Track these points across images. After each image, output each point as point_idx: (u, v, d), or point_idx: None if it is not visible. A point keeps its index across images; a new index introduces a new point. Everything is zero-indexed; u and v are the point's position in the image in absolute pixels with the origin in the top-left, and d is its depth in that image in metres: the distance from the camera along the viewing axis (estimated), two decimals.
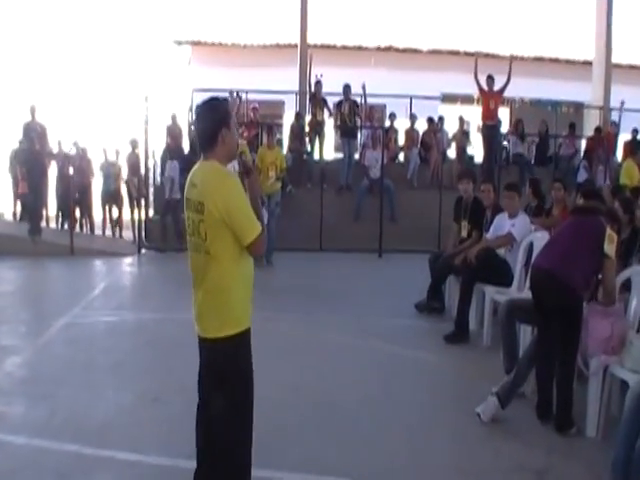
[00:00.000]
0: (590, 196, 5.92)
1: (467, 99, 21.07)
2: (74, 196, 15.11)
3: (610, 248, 4.93)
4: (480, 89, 15.07)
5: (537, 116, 17.65)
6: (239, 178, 3.50)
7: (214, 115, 3.43)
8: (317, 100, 15.41)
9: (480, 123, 15.65)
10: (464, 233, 8.95)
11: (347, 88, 15.15)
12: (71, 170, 15.09)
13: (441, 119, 16.95)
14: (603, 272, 5.10)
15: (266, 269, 11.37)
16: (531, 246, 7.50)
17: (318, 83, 15.29)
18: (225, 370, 3.47)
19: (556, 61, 21.94)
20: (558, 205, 9.13)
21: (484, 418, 5.21)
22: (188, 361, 3.88)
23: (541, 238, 7.39)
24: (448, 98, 20.49)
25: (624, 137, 17.64)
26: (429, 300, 8.90)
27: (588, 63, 20.73)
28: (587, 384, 5.13)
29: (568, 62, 21.92)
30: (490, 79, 15.31)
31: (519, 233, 7.79)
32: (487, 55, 21.05)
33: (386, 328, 8.15)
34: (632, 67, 21.89)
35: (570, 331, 5.01)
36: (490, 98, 15.27)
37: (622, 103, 17.37)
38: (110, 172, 15.81)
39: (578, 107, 20.44)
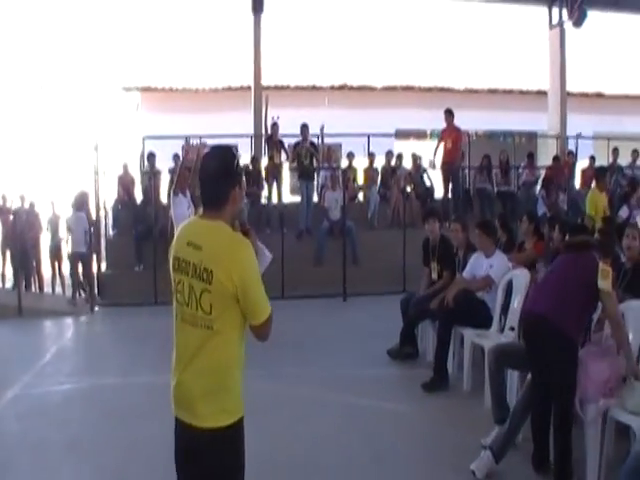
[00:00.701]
0: (577, 231, 5.58)
1: (420, 134, 21.04)
2: (22, 252, 14.39)
3: (605, 283, 4.63)
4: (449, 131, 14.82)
5: (491, 148, 17.41)
6: None
7: (228, 171, 3.03)
8: (274, 142, 14.97)
9: (434, 159, 15.38)
10: (434, 275, 8.66)
11: (305, 128, 14.75)
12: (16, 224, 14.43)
13: (399, 156, 16.62)
14: (604, 307, 4.85)
15: None
16: (510, 284, 7.25)
17: (275, 125, 14.89)
18: (224, 464, 2.99)
19: (510, 92, 21.93)
20: (529, 239, 8.82)
21: (479, 475, 4.90)
22: (154, 434, 3.33)
23: (520, 276, 7.19)
24: (401, 134, 20.34)
25: (580, 165, 17.57)
26: (402, 345, 8.56)
27: (542, 93, 20.84)
28: (584, 428, 4.81)
29: (522, 92, 21.97)
30: (448, 113, 15.04)
31: (497, 274, 7.49)
32: (442, 89, 21.11)
33: (360, 379, 7.72)
34: (583, 95, 21.95)
35: (566, 377, 4.68)
36: (448, 137, 15.04)
37: (579, 134, 17.38)
38: (58, 226, 15.07)
39: (531, 137, 20.46)
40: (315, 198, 15.48)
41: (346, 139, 17.26)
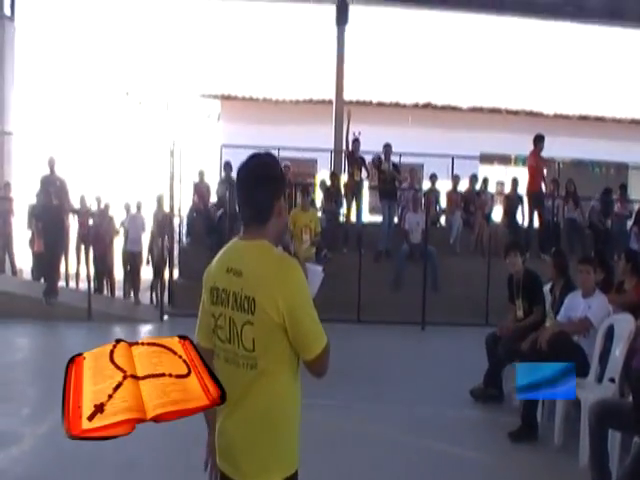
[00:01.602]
0: None
1: (504, 159, 20.39)
2: (95, 255, 14.34)
3: None
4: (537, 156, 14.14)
5: (578, 177, 16.59)
6: None
7: (272, 178, 2.58)
8: (355, 159, 14.52)
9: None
10: (520, 313, 8.00)
11: (388, 147, 14.28)
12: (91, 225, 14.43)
13: (485, 180, 15.98)
14: None
15: None
16: (610, 330, 6.59)
17: (356, 141, 14.43)
18: None
19: (601, 120, 21.02)
20: (631, 279, 8.12)
21: None
22: None
23: (623, 321, 6.51)
24: (485, 158, 19.76)
25: None
26: (486, 386, 7.93)
27: (636, 122, 19.95)
28: None
29: (615, 121, 21.01)
30: (540, 139, 14.34)
31: (596, 317, 6.80)
32: (530, 113, 20.40)
33: (439, 420, 7.12)
34: None
35: None
36: (542, 164, 14.42)
37: None
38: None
39: (621, 168, 19.59)
40: (395, 219, 14.99)
41: (428, 160, 16.78)
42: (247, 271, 2.47)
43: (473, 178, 16.04)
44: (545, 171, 15.59)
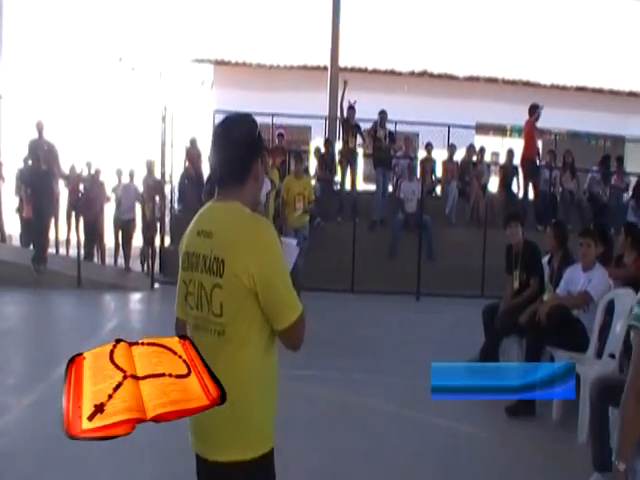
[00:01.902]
0: None
1: (500, 130, 20.16)
2: (85, 221, 14.14)
3: None
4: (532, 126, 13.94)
5: (574, 149, 16.37)
6: None
7: (249, 139, 2.44)
8: (350, 126, 14.27)
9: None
10: (516, 284, 7.79)
11: (383, 114, 14.03)
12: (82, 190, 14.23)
13: (482, 150, 15.76)
14: None
15: None
16: (611, 305, 6.44)
17: (351, 108, 14.17)
18: None
19: (599, 91, 20.76)
20: (630, 252, 7.98)
21: None
22: None
23: (624, 296, 6.34)
24: (481, 128, 19.52)
25: None
26: (483, 360, 7.72)
27: (633, 94, 19.73)
28: None
29: (612, 92, 20.76)
30: (535, 108, 14.13)
31: (597, 291, 6.64)
32: (527, 83, 20.15)
33: None
34: None
35: None
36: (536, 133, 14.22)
37: None
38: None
39: (617, 141, 19.40)
40: (390, 188, 14.79)
41: (424, 129, 16.56)
42: (217, 232, 2.34)
43: (471, 148, 15.84)
44: (540, 142, 15.44)
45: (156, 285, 12.60)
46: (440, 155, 15.81)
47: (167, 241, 13.97)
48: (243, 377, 2.29)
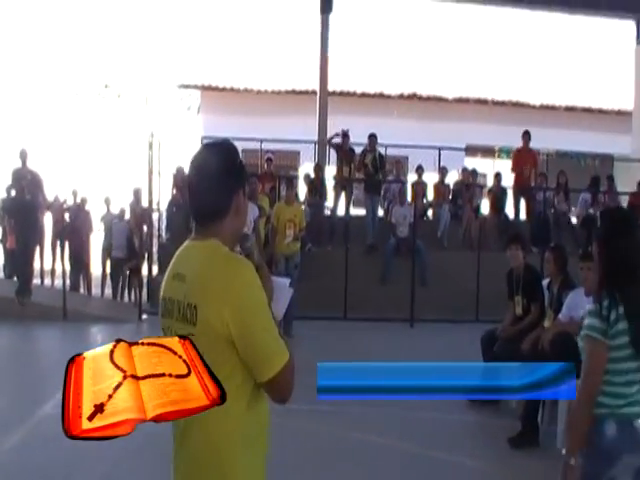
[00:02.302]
0: None
1: (488, 151, 20.08)
2: (71, 251, 13.89)
3: None
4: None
5: (564, 169, 16.20)
6: None
7: (229, 169, 2.20)
8: (345, 153, 14.07)
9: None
10: (518, 310, 7.60)
11: (373, 138, 13.87)
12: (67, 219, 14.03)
13: (474, 172, 15.63)
14: None
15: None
16: None
17: (345, 136, 14.01)
18: None
19: (588, 111, 20.77)
20: None
21: None
22: None
23: None
24: (470, 150, 19.45)
25: None
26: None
27: (622, 113, 19.70)
28: None
29: (601, 112, 20.78)
30: (527, 135, 14.15)
31: None
32: (516, 104, 20.12)
33: (431, 425, 6.73)
34: None
35: None
36: (527, 159, 14.18)
37: None
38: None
39: (606, 159, 19.33)
40: (381, 212, 14.59)
41: (414, 152, 16.43)
42: (190, 275, 2.11)
43: (465, 170, 15.75)
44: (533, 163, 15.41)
45: (144, 316, 12.31)
46: (431, 178, 15.65)
47: (155, 270, 13.70)
48: (223, 436, 2.05)
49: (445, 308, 12.16)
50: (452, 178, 15.75)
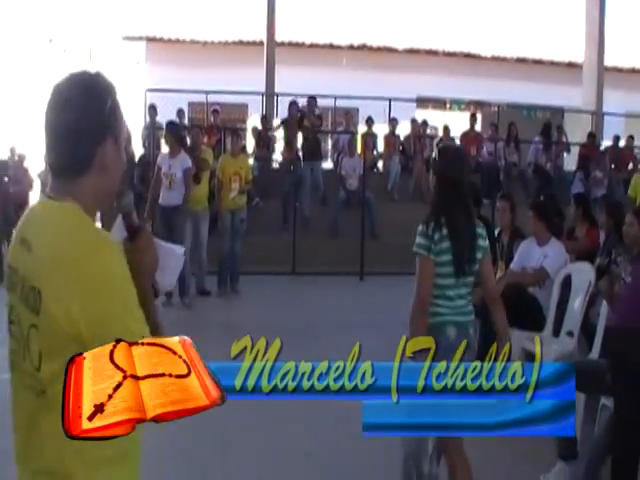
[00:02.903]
0: None
1: (439, 103, 19.86)
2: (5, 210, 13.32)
3: None
4: None
5: (515, 121, 16.09)
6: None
7: (92, 112, 1.69)
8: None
9: None
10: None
11: (312, 100, 13.50)
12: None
13: (425, 123, 15.42)
14: None
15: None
16: (568, 280, 6.14)
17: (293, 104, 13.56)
18: None
19: (539, 62, 20.64)
20: (580, 225, 7.80)
21: None
22: None
23: (582, 272, 6.08)
24: (422, 101, 19.22)
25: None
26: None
27: (574, 65, 19.61)
28: None
29: (552, 63, 20.67)
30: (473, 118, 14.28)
31: (553, 266, 6.30)
32: (467, 55, 19.91)
33: None
34: (619, 70, 20.61)
35: None
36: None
37: None
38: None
39: (556, 112, 19.28)
40: (331, 165, 14.31)
41: (364, 103, 16.13)
42: (36, 245, 1.68)
43: (415, 122, 15.58)
44: (479, 115, 15.31)
45: None
46: (381, 130, 15.38)
47: None
48: (73, 460, 1.63)
49: (395, 261, 11.92)
50: (403, 130, 15.48)
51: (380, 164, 15.34)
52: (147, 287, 1.79)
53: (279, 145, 14.08)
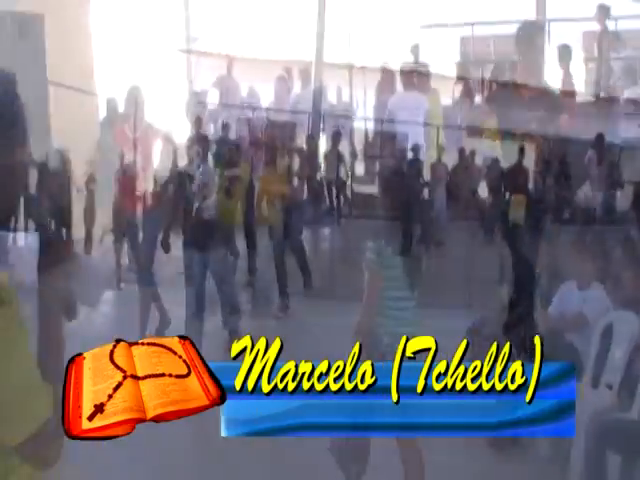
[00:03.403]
0: None
1: None
2: None
3: None
4: None
5: None
6: None
7: None
8: None
9: None
10: None
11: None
12: None
13: None
14: None
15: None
16: (609, 329, 5.84)
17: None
18: None
19: None
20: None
21: None
22: None
23: (625, 321, 5.80)
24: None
25: None
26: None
27: None
28: None
29: None
30: None
31: (593, 314, 6.02)
32: None
33: None
34: None
35: None
36: None
37: None
38: None
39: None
40: None
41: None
42: None
43: None
44: None
45: None
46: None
47: None
48: None
49: None
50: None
51: None
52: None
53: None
